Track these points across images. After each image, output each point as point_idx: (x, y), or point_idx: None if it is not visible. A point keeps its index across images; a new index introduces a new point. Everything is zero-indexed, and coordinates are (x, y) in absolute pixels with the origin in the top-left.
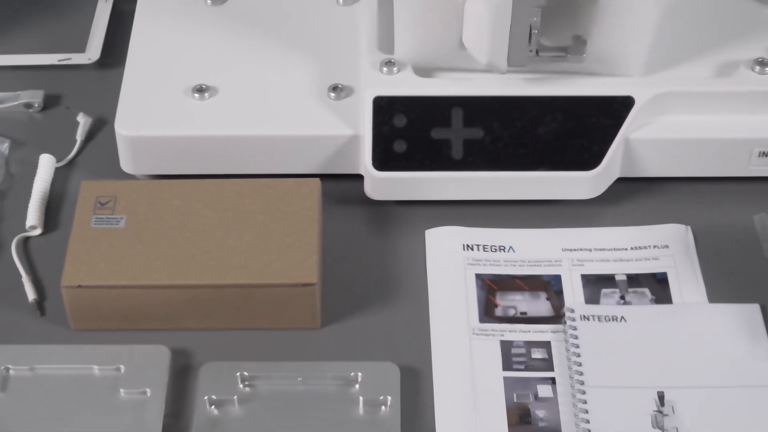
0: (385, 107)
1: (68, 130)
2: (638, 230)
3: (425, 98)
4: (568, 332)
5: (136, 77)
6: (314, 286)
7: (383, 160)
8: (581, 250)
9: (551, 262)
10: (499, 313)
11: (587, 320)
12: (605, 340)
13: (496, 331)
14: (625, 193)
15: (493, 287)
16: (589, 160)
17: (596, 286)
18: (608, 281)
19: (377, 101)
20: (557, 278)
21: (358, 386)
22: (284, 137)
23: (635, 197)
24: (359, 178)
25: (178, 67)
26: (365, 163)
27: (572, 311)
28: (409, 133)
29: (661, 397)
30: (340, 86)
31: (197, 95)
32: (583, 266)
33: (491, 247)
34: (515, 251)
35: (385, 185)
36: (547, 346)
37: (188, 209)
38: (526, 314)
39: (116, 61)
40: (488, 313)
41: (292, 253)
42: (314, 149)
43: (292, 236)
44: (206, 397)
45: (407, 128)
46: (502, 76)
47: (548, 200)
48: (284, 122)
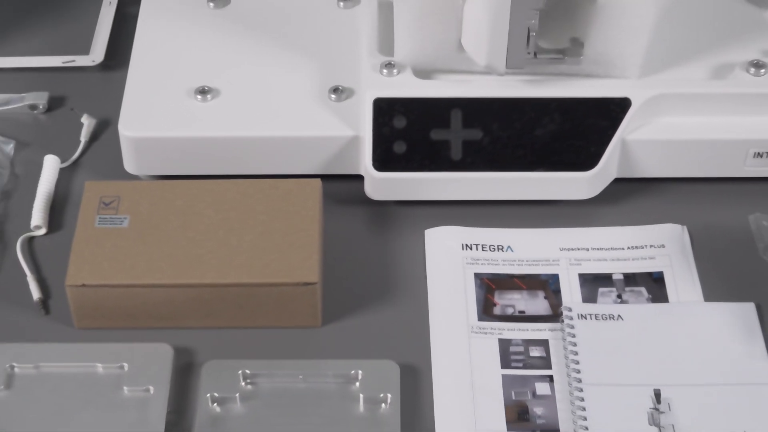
0: (385, 109)
1: (72, 131)
2: (635, 230)
3: (425, 100)
4: (565, 330)
5: (139, 79)
6: (315, 285)
7: (383, 160)
8: (579, 249)
9: (549, 261)
10: (497, 311)
11: (584, 319)
12: (602, 338)
13: (494, 329)
14: (622, 193)
15: (491, 286)
16: (586, 160)
17: (593, 285)
18: (605, 280)
19: (377, 103)
20: (555, 277)
21: (358, 384)
22: (286, 138)
23: (632, 197)
24: (360, 178)
25: (180, 69)
26: (365, 163)
27: (570, 310)
28: (408, 134)
29: (657, 394)
30: (340, 88)
31: (200, 97)
32: (580, 265)
33: (490, 246)
34: (513, 251)
35: (385, 185)
36: (544, 344)
37: (191, 209)
38: (524, 313)
39: (120, 63)
40: (487, 311)
41: (293, 252)
42: (315, 150)
43: (293, 236)
44: (209, 394)
45: (407, 129)
46: (500, 77)
47: (546, 200)
48: (286, 123)
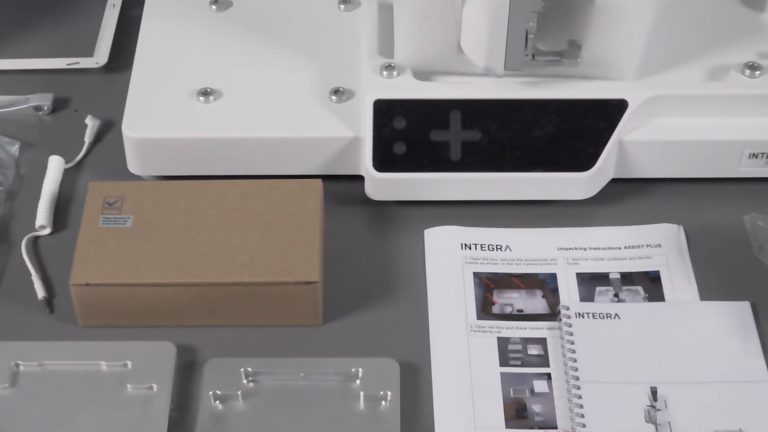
0: (385, 110)
1: (77, 132)
2: (632, 230)
3: (424, 101)
4: (563, 329)
5: (142, 81)
6: (316, 284)
7: (383, 161)
8: (576, 249)
9: (547, 260)
10: (496, 310)
11: (582, 317)
12: (599, 336)
13: (493, 328)
14: (618, 193)
15: (490, 285)
16: (583, 161)
17: (591, 284)
18: (602, 279)
19: (377, 104)
20: (553, 276)
21: (358, 382)
22: (287, 139)
23: (629, 198)
24: (360, 179)
25: (183, 70)
26: (366, 164)
27: (567, 309)
28: (408, 135)
29: (654, 392)
30: (341, 89)
31: (202, 98)
32: (578, 265)
33: (489, 246)
34: (512, 250)
35: (385, 186)
36: (542, 342)
37: (194, 209)
38: (522, 311)
39: (123, 65)
40: (485, 310)
41: (294, 251)
42: (316, 151)
43: (294, 235)
44: (211, 392)
45: (407, 130)
46: (499, 79)
47: (544, 200)
48: (287, 125)
